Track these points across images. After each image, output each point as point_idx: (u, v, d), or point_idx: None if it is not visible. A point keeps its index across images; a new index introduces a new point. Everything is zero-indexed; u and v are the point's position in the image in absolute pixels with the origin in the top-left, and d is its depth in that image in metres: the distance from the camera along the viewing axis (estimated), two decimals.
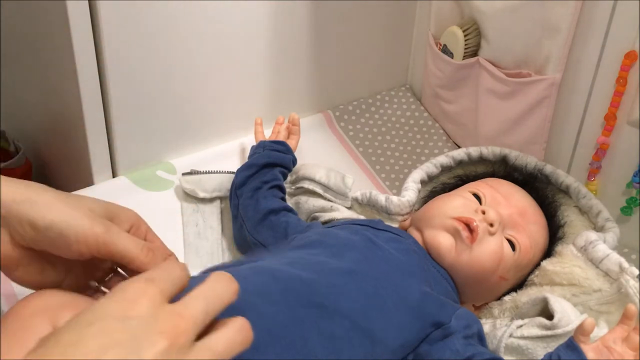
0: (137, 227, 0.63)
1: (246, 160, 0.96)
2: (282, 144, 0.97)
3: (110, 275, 0.61)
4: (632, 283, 0.73)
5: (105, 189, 0.95)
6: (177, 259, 0.63)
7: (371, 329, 0.62)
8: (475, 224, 0.75)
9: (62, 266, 0.59)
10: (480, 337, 0.69)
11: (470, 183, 0.86)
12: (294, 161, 0.96)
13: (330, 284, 0.64)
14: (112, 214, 0.60)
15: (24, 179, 1.22)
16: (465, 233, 0.75)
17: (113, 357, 0.41)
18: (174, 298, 0.48)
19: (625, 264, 0.75)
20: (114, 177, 0.98)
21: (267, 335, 0.57)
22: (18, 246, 0.56)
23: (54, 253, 0.56)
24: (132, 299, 0.45)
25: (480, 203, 0.80)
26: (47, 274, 0.59)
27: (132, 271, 0.58)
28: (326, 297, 0.62)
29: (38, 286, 0.59)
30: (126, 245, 0.57)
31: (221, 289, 0.49)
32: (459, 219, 0.76)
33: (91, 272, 0.61)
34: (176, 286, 0.49)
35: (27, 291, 0.63)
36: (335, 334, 0.60)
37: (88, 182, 0.97)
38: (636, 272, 0.74)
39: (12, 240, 0.56)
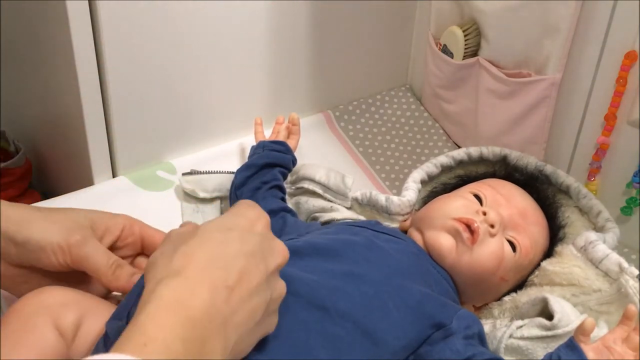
0: (129, 229, 0.64)
1: (246, 160, 0.96)
2: (281, 144, 0.97)
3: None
4: (632, 283, 0.73)
5: (105, 189, 0.96)
6: None
7: (373, 331, 0.62)
8: (476, 225, 0.75)
9: (62, 278, 0.62)
10: (481, 338, 0.68)
11: (471, 184, 0.86)
12: (294, 161, 0.96)
13: (331, 286, 0.64)
14: (98, 223, 0.62)
15: (24, 179, 1.22)
16: (466, 234, 0.75)
17: (249, 262, 0.50)
18: None
19: (625, 264, 0.75)
20: (114, 177, 0.98)
21: (270, 338, 0.57)
22: (12, 265, 0.60)
23: (39, 266, 0.59)
24: (253, 219, 0.54)
25: (481, 204, 0.79)
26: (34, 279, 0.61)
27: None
28: (328, 299, 0.62)
29: None
30: (96, 260, 0.59)
31: None
32: (459, 220, 0.76)
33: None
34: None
35: None
36: (337, 336, 0.60)
37: (88, 182, 0.97)
38: (636, 272, 0.74)
39: (5, 260, 0.59)
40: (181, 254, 0.49)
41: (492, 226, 0.76)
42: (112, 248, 0.63)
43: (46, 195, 1.12)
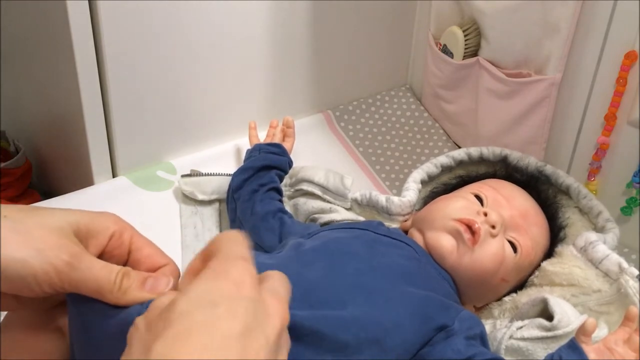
0: (119, 236, 0.53)
1: (242, 163, 0.96)
2: (277, 146, 0.97)
3: None
4: (632, 283, 0.73)
5: (105, 189, 0.96)
6: (175, 266, 0.55)
7: (381, 337, 0.62)
8: (477, 225, 0.75)
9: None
10: (483, 340, 0.68)
11: (472, 184, 0.86)
12: (290, 163, 0.96)
13: (341, 294, 0.64)
14: (85, 228, 0.51)
15: (24, 179, 1.22)
16: (467, 235, 0.75)
17: (247, 341, 0.40)
18: None
19: (625, 264, 0.75)
20: (114, 177, 0.98)
21: None
22: None
23: (19, 294, 0.48)
24: (239, 280, 0.43)
25: (482, 205, 0.79)
26: (26, 301, 0.51)
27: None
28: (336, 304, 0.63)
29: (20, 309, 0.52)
30: (95, 280, 0.48)
31: (285, 282, 0.48)
32: (460, 221, 0.76)
33: None
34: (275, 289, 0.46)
35: None
36: (346, 342, 0.61)
37: (88, 182, 0.97)
38: (635, 272, 0.74)
39: None
40: (158, 357, 0.38)
41: (493, 227, 0.76)
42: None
43: (46, 195, 1.12)
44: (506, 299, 0.80)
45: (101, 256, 0.51)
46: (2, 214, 0.47)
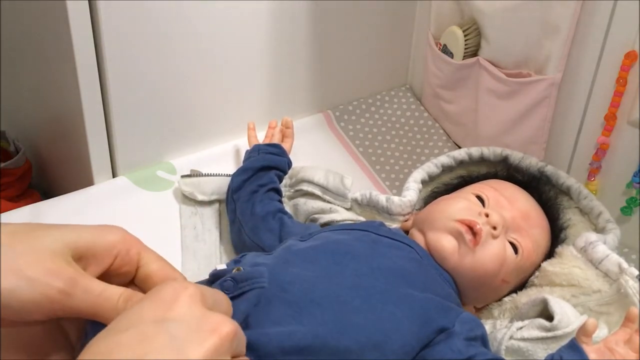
0: (126, 254, 0.50)
1: (242, 164, 0.96)
2: (276, 146, 0.97)
3: None
4: (632, 283, 0.73)
5: (105, 189, 0.96)
6: (183, 279, 0.52)
7: (382, 341, 0.62)
8: (478, 227, 0.75)
9: None
10: (484, 341, 0.68)
11: (474, 185, 0.85)
12: (289, 164, 0.96)
13: (341, 301, 0.64)
14: (85, 248, 0.48)
15: (24, 179, 1.22)
16: (468, 236, 0.75)
17: None
18: None
19: (625, 265, 0.75)
20: (114, 177, 0.98)
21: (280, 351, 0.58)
22: None
23: (16, 320, 0.46)
24: (170, 299, 0.41)
25: (484, 205, 0.79)
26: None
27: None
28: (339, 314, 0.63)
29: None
30: (94, 308, 0.46)
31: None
32: (462, 222, 0.76)
33: None
34: (217, 304, 0.44)
35: None
36: (349, 348, 0.61)
37: (88, 182, 0.97)
38: (635, 272, 0.74)
39: None
40: None
41: (494, 228, 0.76)
42: (99, 278, 0.49)
43: (46, 195, 1.13)
44: (506, 299, 0.80)
45: (107, 274, 0.50)
46: None
